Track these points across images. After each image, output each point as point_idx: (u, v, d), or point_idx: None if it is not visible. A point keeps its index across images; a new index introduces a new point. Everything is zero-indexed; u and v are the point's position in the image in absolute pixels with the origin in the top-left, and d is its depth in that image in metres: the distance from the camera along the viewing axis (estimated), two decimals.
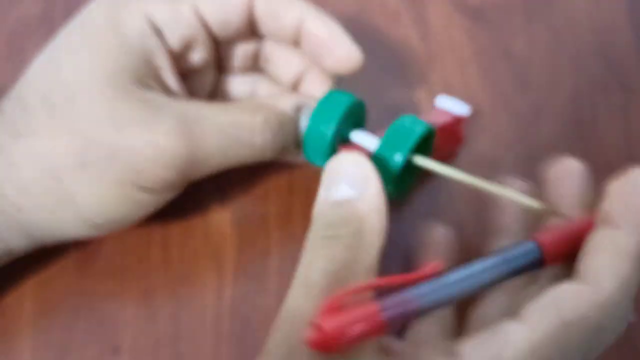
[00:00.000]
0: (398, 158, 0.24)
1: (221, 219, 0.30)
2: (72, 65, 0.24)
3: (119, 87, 0.24)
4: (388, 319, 0.19)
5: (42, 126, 0.24)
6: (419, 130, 0.25)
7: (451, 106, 0.29)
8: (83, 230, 0.25)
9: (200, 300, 0.28)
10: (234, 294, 0.28)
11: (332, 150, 0.26)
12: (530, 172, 0.31)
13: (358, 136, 0.26)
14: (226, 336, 0.27)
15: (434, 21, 0.36)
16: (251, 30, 0.27)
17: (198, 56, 0.27)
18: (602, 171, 0.32)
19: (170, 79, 0.26)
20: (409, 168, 0.25)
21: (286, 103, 0.26)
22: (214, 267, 0.29)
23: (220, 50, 0.28)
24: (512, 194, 0.24)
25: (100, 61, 0.24)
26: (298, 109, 0.26)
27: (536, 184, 0.26)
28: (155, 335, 0.27)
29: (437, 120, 0.28)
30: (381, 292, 0.20)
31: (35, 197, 0.24)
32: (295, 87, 0.29)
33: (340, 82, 0.34)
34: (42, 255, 0.28)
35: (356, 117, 0.27)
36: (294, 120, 0.26)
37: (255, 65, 0.29)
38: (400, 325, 0.20)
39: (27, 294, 0.28)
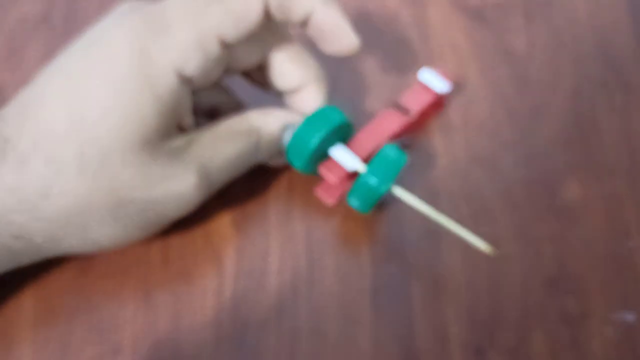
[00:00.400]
0: (383, 188, 0.27)
1: (221, 219, 0.30)
2: (107, 131, 0.24)
3: (151, 147, 0.24)
4: None
5: (74, 184, 0.24)
6: (401, 162, 0.28)
7: (433, 82, 0.31)
8: (94, 252, 0.27)
9: (200, 300, 0.28)
10: (234, 294, 0.28)
11: (314, 160, 0.28)
12: (530, 171, 0.32)
13: (337, 152, 0.28)
14: (226, 336, 0.27)
15: (434, 21, 0.36)
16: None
17: (215, 75, 0.27)
18: (601, 171, 0.32)
19: (189, 116, 0.27)
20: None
21: (275, 123, 0.28)
22: (214, 267, 0.29)
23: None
24: (465, 234, 0.26)
25: (137, 127, 0.24)
26: (285, 128, 0.28)
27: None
28: (155, 335, 0.27)
29: (419, 102, 0.31)
30: None
31: (61, 240, 0.25)
32: (289, 93, 0.29)
33: (340, 81, 0.34)
34: None
35: (342, 134, 0.28)
36: (280, 138, 0.28)
37: (257, 69, 0.29)
38: None
39: (27, 294, 0.28)
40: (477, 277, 0.29)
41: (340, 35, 0.27)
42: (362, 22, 0.36)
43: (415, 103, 0.31)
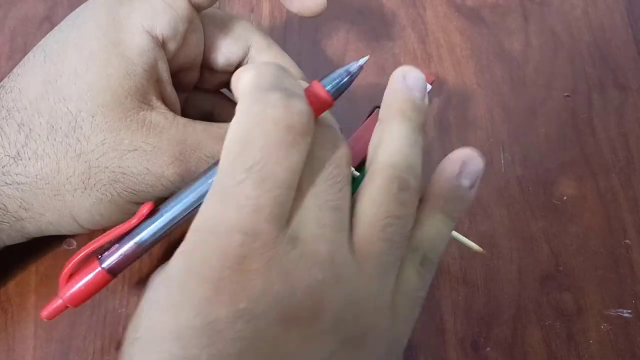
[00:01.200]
0: None
1: None
2: (76, 94, 0.24)
3: (122, 113, 0.24)
4: (110, 268, 0.23)
5: (46, 150, 0.24)
6: None
7: None
8: (75, 230, 0.26)
9: None
10: None
11: None
12: (526, 170, 0.32)
13: None
14: None
15: (432, 22, 0.36)
16: None
17: (192, 45, 0.27)
18: (598, 170, 0.32)
19: (169, 87, 0.26)
20: None
21: None
22: None
23: (206, 52, 0.28)
24: (460, 237, 0.28)
25: (105, 88, 0.24)
26: None
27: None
28: None
29: None
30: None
31: (37, 211, 0.25)
32: None
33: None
34: (46, 249, 0.28)
35: None
36: None
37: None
38: (128, 264, 0.23)
39: (30, 289, 0.28)
40: (474, 272, 0.29)
41: None
42: (360, 23, 0.36)
43: None
